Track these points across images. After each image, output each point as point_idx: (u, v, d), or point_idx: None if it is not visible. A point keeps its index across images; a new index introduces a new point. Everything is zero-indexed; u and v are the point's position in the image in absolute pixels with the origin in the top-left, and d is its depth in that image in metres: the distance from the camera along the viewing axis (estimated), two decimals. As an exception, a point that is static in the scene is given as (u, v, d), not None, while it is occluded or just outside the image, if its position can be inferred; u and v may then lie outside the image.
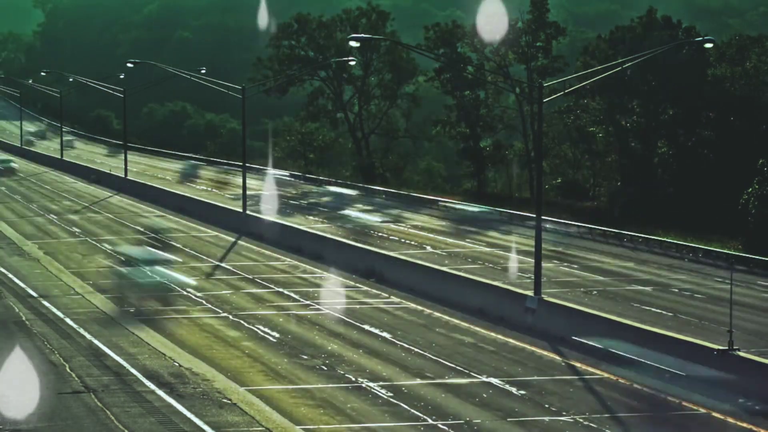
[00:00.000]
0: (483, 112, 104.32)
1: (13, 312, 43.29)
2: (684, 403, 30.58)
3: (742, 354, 31.96)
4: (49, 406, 29.56)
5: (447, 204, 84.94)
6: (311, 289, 49.10)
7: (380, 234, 68.37)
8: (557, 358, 36.28)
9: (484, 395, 31.23)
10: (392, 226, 73.51)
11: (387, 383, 32.36)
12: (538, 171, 47.74)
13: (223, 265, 56.69)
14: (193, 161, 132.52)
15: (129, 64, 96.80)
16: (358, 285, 50.22)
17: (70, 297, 46.72)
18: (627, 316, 40.51)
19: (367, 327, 40.86)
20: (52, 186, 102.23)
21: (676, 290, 49.83)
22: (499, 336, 39.48)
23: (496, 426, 28.41)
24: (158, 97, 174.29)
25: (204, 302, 45.79)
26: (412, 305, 45.37)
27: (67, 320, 41.45)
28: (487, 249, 63.12)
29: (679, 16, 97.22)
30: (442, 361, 35.41)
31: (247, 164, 75.47)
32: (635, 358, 34.19)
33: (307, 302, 45.82)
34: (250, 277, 52.36)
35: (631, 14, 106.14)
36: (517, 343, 38.37)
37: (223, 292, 48.31)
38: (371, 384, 32.27)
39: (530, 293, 42.13)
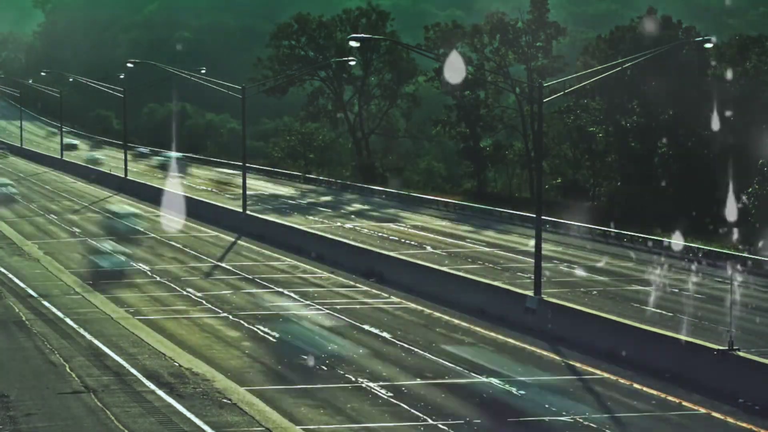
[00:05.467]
0: (483, 112, 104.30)
1: (13, 312, 43.28)
2: (684, 403, 30.58)
3: (742, 354, 31.95)
4: (49, 406, 29.57)
5: None
6: (311, 289, 49.09)
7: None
8: (557, 358, 36.27)
9: (484, 395, 31.22)
10: (392, 226, 73.49)
11: (387, 383, 32.35)
12: (538, 171, 47.75)
13: (223, 265, 56.67)
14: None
15: (129, 64, 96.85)
16: (358, 285, 50.22)
17: (70, 297, 46.71)
18: (627, 316, 40.50)
19: (367, 327, 40.86)
20: (52, 186, 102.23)
21: (676, 290, 49.82)
22: (499, 336, 39.47)
23: (496, 426, 28.40)
24: (158, 97, 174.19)
25: (204, 302, 45.79)
26: (412, 305, 45.36)
27: (67, 320, 41.44)
28: (487, 249, 63.13)
29: (679, 16, 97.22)
30: (442, 361, 35.41)
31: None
32: None
33: (307, 302, 45.80)
34: (250, 277, 52.36)
35: (631, 14, 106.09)
36: (517, 343, 38.36)
37: (223, 292, 48.30)
38: (371, 384, 32.26)
39: (530, 293, 42.12)
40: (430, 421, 28.54)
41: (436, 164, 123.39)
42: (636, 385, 32.49)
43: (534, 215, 46.74)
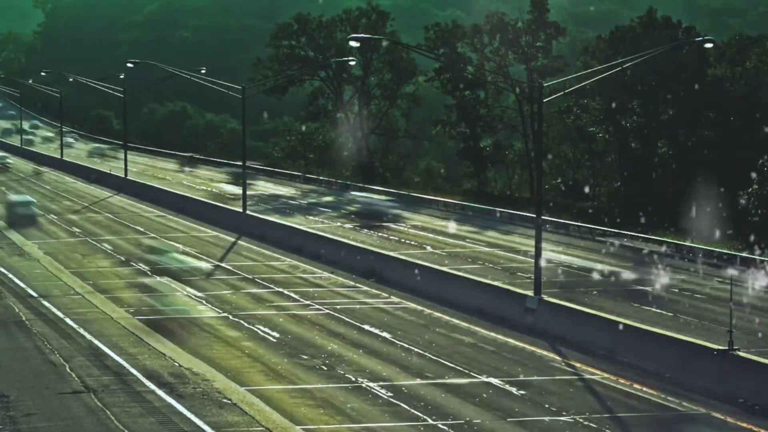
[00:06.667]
0: (483, 112, 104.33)
1: (13, 312, 43.28)
2: (684, 403, 30.58)
3: (742, 354, 31.96)
4: (49, 406, 29.57)
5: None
6: (311, 289, 49.10)
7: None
8: (557, 358, 36.28)
9: (484, 395, 31.23)
10: (392, 226, 73.49)
11: (387, 383, 32.36)
12: (538, 171, 47.77)
13: (223, 265, 56.68)
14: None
15: (129, 64, 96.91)
16: (358, 285, 50.22)
17: (70, 297, 46.71)
18: (627, 316, 40.51)
19: (367, 327, 40.86)
20: (52, 186, 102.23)
21: (676, 290, 49.82)
22: (499, 336, 39.48)
23: (496, 426, 28.41)
24: (158, 97, 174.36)
25: (204, 302, 45.80)
26: (412, 305, 45.36)
27: (67, 320, 41.44)
28: (487, 249, 63.12)
29: (679, 16, 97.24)
30: (442, 361, 35.41)
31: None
32: None
33: (307, 302, 45.81)
34: (250, 277, 52.37)
35: (631, 14, 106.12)
36: (517, 343, 38.37)
37: (223, 292, 48.30)
38: (371, 384, 32.27)
39: (530, 293, 42.13)
40: (430, 421, 28.54)
41: (436, 164, 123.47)
42: (636, 385, 32.50)
43: (534, 215, 46.75)
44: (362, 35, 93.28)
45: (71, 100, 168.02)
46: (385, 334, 39.57)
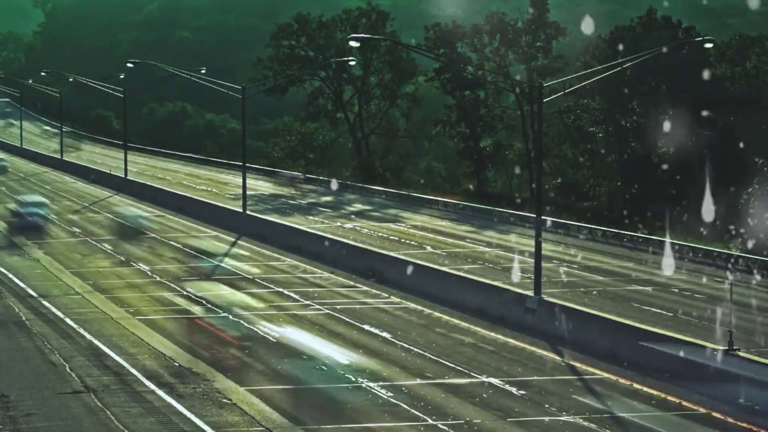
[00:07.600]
0: (483, 112, 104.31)
1: (13, 312, 43.29)
2: (684, 403, 30.58)
3: (742, 354, 31.94)
4: (49, 406, 29.58)
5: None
6: (311, 289, 49.10)
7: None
8: (557, 358, 36.29)
9: (484, 395, 31.23)
10: (392, 226, 73.48)
11: (387, 383, 32.35)
12: (538, 171, 47.79)
13: (223, 265, 56.66)
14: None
15: (129, 64, 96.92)
16: (358, 285, 50.22)
17: (70, 297, 46.73)
18: (627, 316, 40.51)
19: (367, 327, 40.86)
20: (52, 186, 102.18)
21: (676, 290, 49.82)
22: (499, 336, 39.48)
23: (496, 426, 28.41)
24: (158, 97, 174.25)
25: (204, 302, 45.78)
26: (412, 305, 45.36)
27: (67, 320, 41.45)
28: (487, 249, 63.12)
29: (679, 16, 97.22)
30: (442, 361, 35.41)
31: None
32: None
33: (307, 302, 45.81)
34: (250, 277, 52.36)
35: (631, 14, 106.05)
36: (517, 343, 38.37)
37: (223, 292, 48.29)
38: (371, 384, 32.26)
39: (530, 293, 42.13)
40: (430, 421, 28.54)
41: (436, 164, 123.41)
42: (636, 385, 32.49)
43: (534, 215, 46.75)
44: (362, 35, 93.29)
45: (71, 100, 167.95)
46: (385, 334, 39.57)
